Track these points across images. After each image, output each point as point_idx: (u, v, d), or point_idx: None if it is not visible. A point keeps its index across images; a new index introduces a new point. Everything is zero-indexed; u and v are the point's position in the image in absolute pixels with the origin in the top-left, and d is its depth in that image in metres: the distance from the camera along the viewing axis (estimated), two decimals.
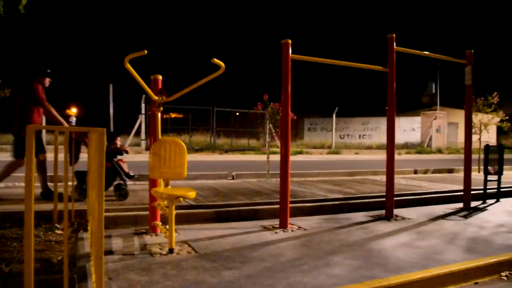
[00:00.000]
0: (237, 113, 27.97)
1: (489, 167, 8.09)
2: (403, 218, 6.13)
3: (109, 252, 4.10)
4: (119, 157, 6.77)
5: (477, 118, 26.96)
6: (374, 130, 33.30)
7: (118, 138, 6.88)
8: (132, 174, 6.83)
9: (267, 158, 10.02)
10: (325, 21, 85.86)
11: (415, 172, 13.28)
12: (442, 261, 4.15)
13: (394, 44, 6.24)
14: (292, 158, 14.55)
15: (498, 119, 29.55)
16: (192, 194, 4.09)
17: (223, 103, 25.19)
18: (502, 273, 4.25)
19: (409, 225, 5.75)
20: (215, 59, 4.36)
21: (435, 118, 33.48)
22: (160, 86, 4.86)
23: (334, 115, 27.63)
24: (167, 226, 4.22)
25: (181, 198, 3.98)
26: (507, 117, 15.47)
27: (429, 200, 7.65)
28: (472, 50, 7.29)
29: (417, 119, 34.37)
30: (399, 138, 31.58)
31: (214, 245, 4.47)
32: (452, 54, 7.38)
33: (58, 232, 5.08)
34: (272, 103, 10.31)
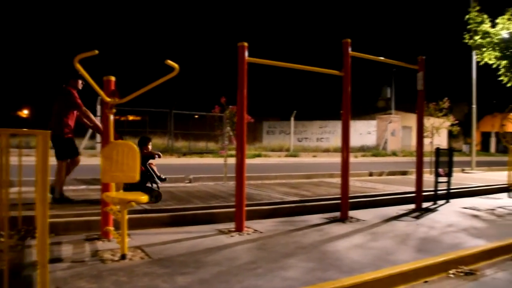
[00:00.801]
0: (196, 116, 27.75)
1: (439, 169, 8.35)
2: (358, 220, 6.24)
3: (58, 259, 3.95)
4: (150, 160, 6.88)
5: (429, 122, 27.84)
6: (332, 133, 33.84)
7: (150, 143, 7.11)
8: (163, 177, 6.91)
9: (225, 161, 9.97)
10: (284, 25, 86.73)
11: (371, 174, 13.55)
12: (394, 261, 4.23)
13: (350, 49, 6.35)
14: (250, 161, 14.57)
15: (449, 123, 30.70)
16: (144, 198, 4.00)
17: (182, 106, 24.95)
18: (449, 271, 4.38)
19: (363, 226, 5.85)
20: (168, 61, 4.30)
21: (390, 122, 34.38)
22: (113, 88, 4.74)
23: (292, 119, 27.90)
24: (120, 231, 4.11)
25: (133, 203, 3.89)
26: (457, 122, 16.03)
27: (383, 202, 7.80)
28: (424, 57, 7.52)
29: (373, 123, 35.17)
30: (356, 141, 32.21)
31: (169, 250, 4.39)
32: (406, 60, 7.59)
33: (2, 240, 4.85)
34: (230, 106, 10.26)
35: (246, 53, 5.32)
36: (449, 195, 8.53)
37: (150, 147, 7.08)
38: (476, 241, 5.22)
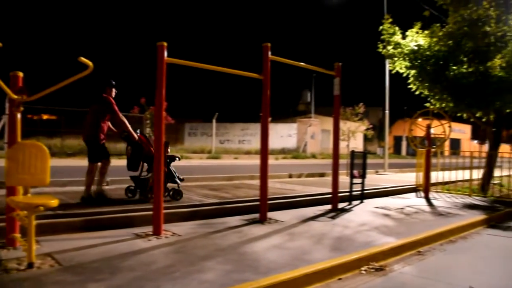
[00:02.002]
0: None
1: (354, 171, 8.73)
2: (276, 221, 6.35)
3: None
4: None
5: (346, 126, 29.26)
6: (254, 135, 34.23)
7: (169, 146, 7.60)
8: (182, 177, 7.52)
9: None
10: (207, 28, 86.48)
11: (290, 176, 13.86)
12: (310, 260, 4.36)
13: (269, 53, 6.45)
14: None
15: (364, 128, 32.38)
16: (54, 202, 3.78)
17: None
18: (362, 268, 4.60)
19: (282, 227, 5.96)
20: (82, 58, 4.10)
21: (310, 125, 35.46)
22: (20, 84, 4.44)
23: (214, 120, 27.88)
24: (27, 238, 3.85)
25: (42, 207, 3.66)
26: (371, 126, 16.84)
27: (302, 203, 8.01)
28: (341, 63, 7.82)
29: (294, 126, 36.09)
30: (277, 144, 32.83)
31: (82, 256, 4.19)
32: (326, 66, 7.86)
33: None
34: (151, 107, 10.04)
35: (165, 53, 5.23)
36: (363, 196, 8.95)
37: (169, 150, 7.64)
38: (386, 239, 5.52)
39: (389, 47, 11.30)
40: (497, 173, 12.21)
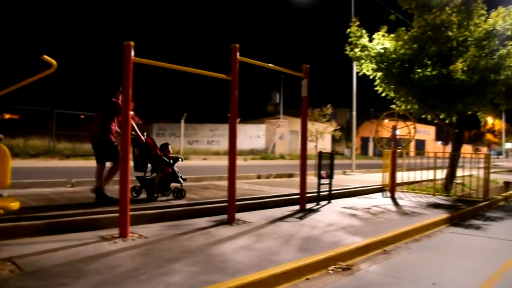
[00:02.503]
0: (82, 116, 26.22)
1: (322, 172, 8.82)
2: (244, 222, 6.34)
3: None
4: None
5: (314, 127, 29.59)
6: (222, 136, 34.08)
7: (169, 146, 8.13)
8: (184, 177, 7.93)
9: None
10: (176, 29, 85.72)
11: (259, 177, 13.87)
12: (278, 261, 4.37)
13: (238, 54, 6.44)
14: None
15: (332, 129, 32.81)
16: (15, 204, 3.67)
17: (67, 105, 23.45)
18: (329, 268, 4.64)
19: (250, 228, 5.96)
20: (45, 56, 4.00)
21: (278, 126, 35.60)
22: None
23: (182, 121, 27.62)
24: None
25: (1, 210, 3.54)
26: (339, 127, 17.06)
27: (270, 204, 8.03)
28: (308, 65, 7.89)
29: (262, 127, 36.15)
30: (245, 145, 32.83)
31: (44, 260, 4.07)
32: (295, 68, 7.91)
33: None
34: None
35: (132, 53, 5.15)
36: (331, 196, 9.05)
37: (171, 150, 8.10)
38: (353, 238, 5.60)
39: (356, 50, 11.48)
40: (459, 173, 12.58)
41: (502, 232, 7.15)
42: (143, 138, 7.39)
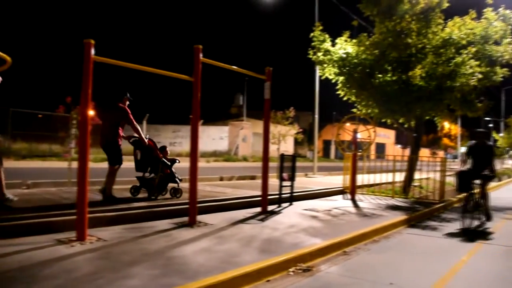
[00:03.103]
0: (40, 116, 25.41)
1: (283, 174, 8.88)
2: (206, 224, 6.30)
3: None
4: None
5: (276, 129, 29.75)
6: (185, 138, 33.74)
7: (167, 149, 8.59)
8: (180, 178, 8.28)
9: (69, 165, 9.31)
10: (140, 29, 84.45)
11: (221, 179, 13.83)
12: (239, 263, 4.37)
13: (201, 55, 6.40)
14: (97, 165, 13.77)
15: (295, 131, 33.10)
16: None
17: (24, 104, 22.67)
18: (290, 269, 4.68)
19: (211, 230, 5.93)
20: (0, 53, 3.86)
21: (241, 128, 35.64)
22: None
23: (144, 122, 27.18)
24: None
25: None
26: (301, 130, 17.19)
27: (232, 206, 8.02)
28: (271, 68, 7.93)
29: (225, 129, 36.08)
30: (208, 146, 32.69)
31: None
32: (259, 70, 7.94)
33: None
34: (78, 106, 9.62)
35: (93, 51, 5.04)
36: (293, 198, 9.13)
37: (168, 152, 8.56)
38: (314, 240, 5.66)
39: (319, 54, 11.63)
40: (417, 175, 12.93)
41: (456, 233, 7.39)
42: (146, 140, 7.82)
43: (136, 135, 7.83)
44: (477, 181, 8.02)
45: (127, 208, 6.62)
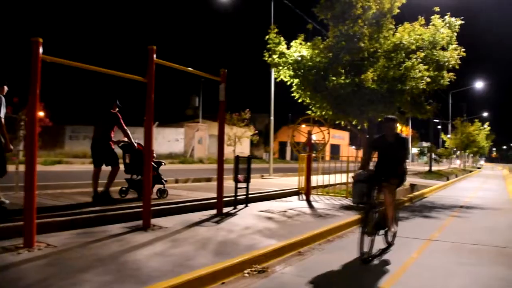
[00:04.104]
0: None
1: (239, 176, 8.87)
2: (160, 227, 6.21)
3: None
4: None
5: (232, 131, 29.76)
6: (140, 139, 33.12)
7: (154, 152, 8.39)
8: (166, 179, 8.91)
9: (16, 168, 8.94)
10: (93, 29, 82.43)
11: (176, 181, 13.68)
12: (193, 266, 4.33)
13: (155, 56, 6.31)
14: (48, 168, 13.38)
15: (250, 133, 33.20)
16: None
17: None
18: (245, 271, 4.68)
19: (165, 233, 5.85)
20: None
21: (197, 130, 35.41)
22: None
23: None
24: None
25: None
26: (257, 132, 17.25)
27: (187, 208, 7.92)
28: (226, 70, 7.92)
29: (181, 130, 35.75)
30: (164, 148, 32.28)
31: None
32: (214, 72, 7.90)
33: None
34: (25, 108, 9.26)
35: (41, 50, 4.87)
36: (248, 200, 9.14)
37: (155, 155, 8.75)
38: (269, 241, 5.69)
39: (275, 56, 11.72)
40: None
41: (406, 231, 7.61)
42: (135, 145, 8.30)
43: (125, 139, 8.31)
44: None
45: (79, 213, 6.42)
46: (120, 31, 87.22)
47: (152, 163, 8.10)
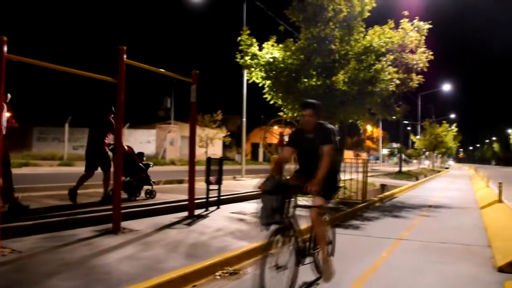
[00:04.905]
0: None
1: (210, 178, 8.82)
2: (131, 230, 6.12)
3: None
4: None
5: (204, 132, 29.61)
6: (111, 141, 32.83)
7: (144, 154, 9.79)
8: (154, 181, 9.50)
9: None
10: (62, 29, 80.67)
11: None
12: (164, 269, 4.28)
13: (125, 56, 6.23)
14: (15, 171, 12.97)
15: (223, 135, 33.11)
16: None
17: None
18: (216, 273, 4.66)
19: (136, 236, 5.77)
20: None
21: (169, 132, 35.07)
22: None
23: (67, 125, 26.04)
24: None
25: None
26: (229, 133, 17.20)
27: (158, 211, 7.84)
28: (198, 71, 7.87)
29: (153, 132, 35.34)
30: (135, 150, 31.79)
31: None
32: (186, 73, 7.85)
33: None
34: None
35: (5, 48, 4.73)
36: (220, 202, 9.10)
37: (144, 158, 9.90)
38: (241, 243, 5.68)
39: (247, 58, 11.71)
40: (341, 176, 13.37)
41: (377, 231, 7.75)
42: (126, 148, 8.69)
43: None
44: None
45: (46, 216, 6.26)
46: (92, 31, 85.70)
47: (141, 164, 9.23)
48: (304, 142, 4.47)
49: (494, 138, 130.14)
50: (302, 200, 4.82)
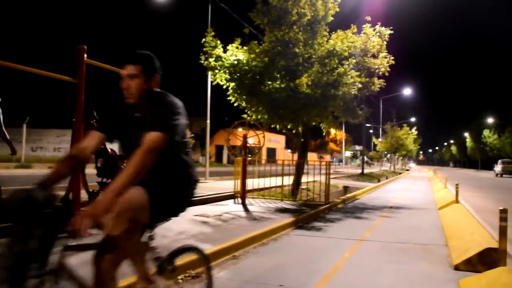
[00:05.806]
0: None
1: None
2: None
3: None
4: None
5: None
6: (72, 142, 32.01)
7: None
8: None
9: None
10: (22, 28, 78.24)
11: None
12: (125, 274, 4.18)
13: (85, 55, 6.09)
14: None
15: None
16: None
17: None
18: (178, 277, 4.59)
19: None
20: None
21: None
22: None
23: (24, 126, 25.25)
24: None
25: None
26: (193, 135, 17.09)
27: None
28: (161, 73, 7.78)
29: None
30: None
31: None
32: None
33: None
34: None
35: None
36: None
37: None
38: (204, 246, 5.62)
39: (211, 60, 11.68)
40: (305, 179, 13.52)
41: (339, 232, 7.86)
42: (109, 151, 8.67)
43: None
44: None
45: None
46: (52, 30, 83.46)
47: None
48: (128, 124, 2.71)
49: (452, 141, 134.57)
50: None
